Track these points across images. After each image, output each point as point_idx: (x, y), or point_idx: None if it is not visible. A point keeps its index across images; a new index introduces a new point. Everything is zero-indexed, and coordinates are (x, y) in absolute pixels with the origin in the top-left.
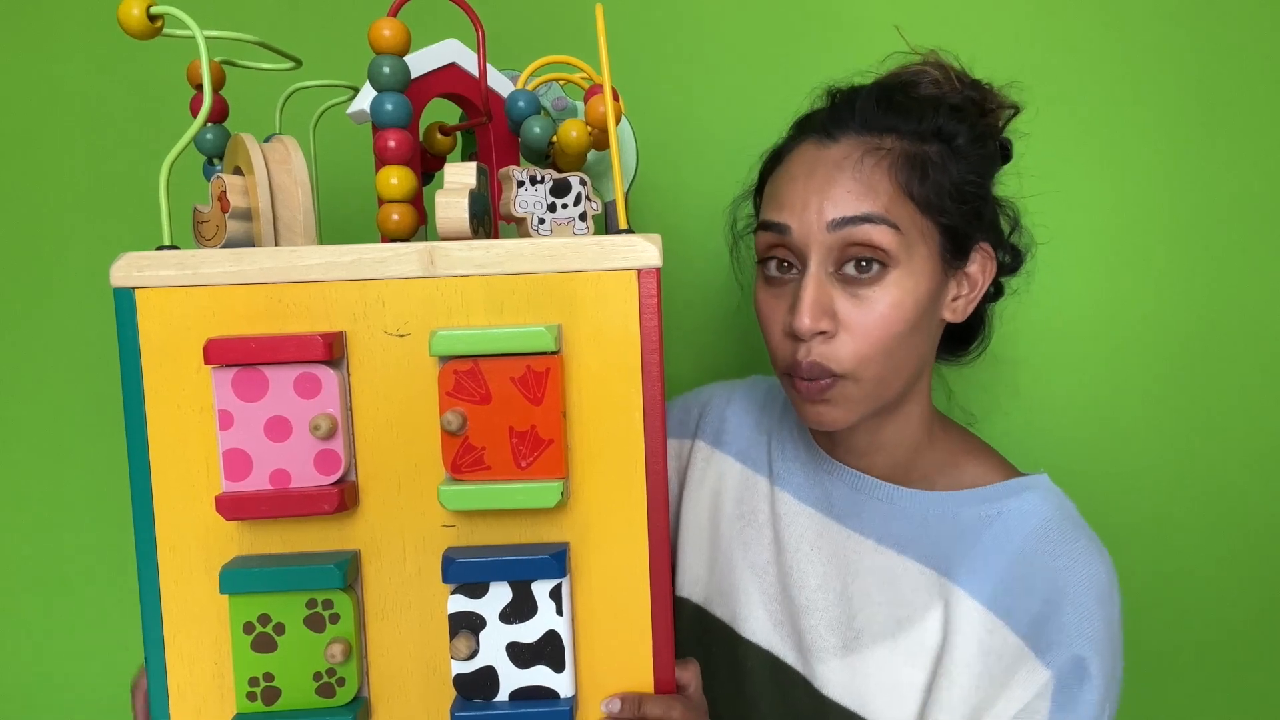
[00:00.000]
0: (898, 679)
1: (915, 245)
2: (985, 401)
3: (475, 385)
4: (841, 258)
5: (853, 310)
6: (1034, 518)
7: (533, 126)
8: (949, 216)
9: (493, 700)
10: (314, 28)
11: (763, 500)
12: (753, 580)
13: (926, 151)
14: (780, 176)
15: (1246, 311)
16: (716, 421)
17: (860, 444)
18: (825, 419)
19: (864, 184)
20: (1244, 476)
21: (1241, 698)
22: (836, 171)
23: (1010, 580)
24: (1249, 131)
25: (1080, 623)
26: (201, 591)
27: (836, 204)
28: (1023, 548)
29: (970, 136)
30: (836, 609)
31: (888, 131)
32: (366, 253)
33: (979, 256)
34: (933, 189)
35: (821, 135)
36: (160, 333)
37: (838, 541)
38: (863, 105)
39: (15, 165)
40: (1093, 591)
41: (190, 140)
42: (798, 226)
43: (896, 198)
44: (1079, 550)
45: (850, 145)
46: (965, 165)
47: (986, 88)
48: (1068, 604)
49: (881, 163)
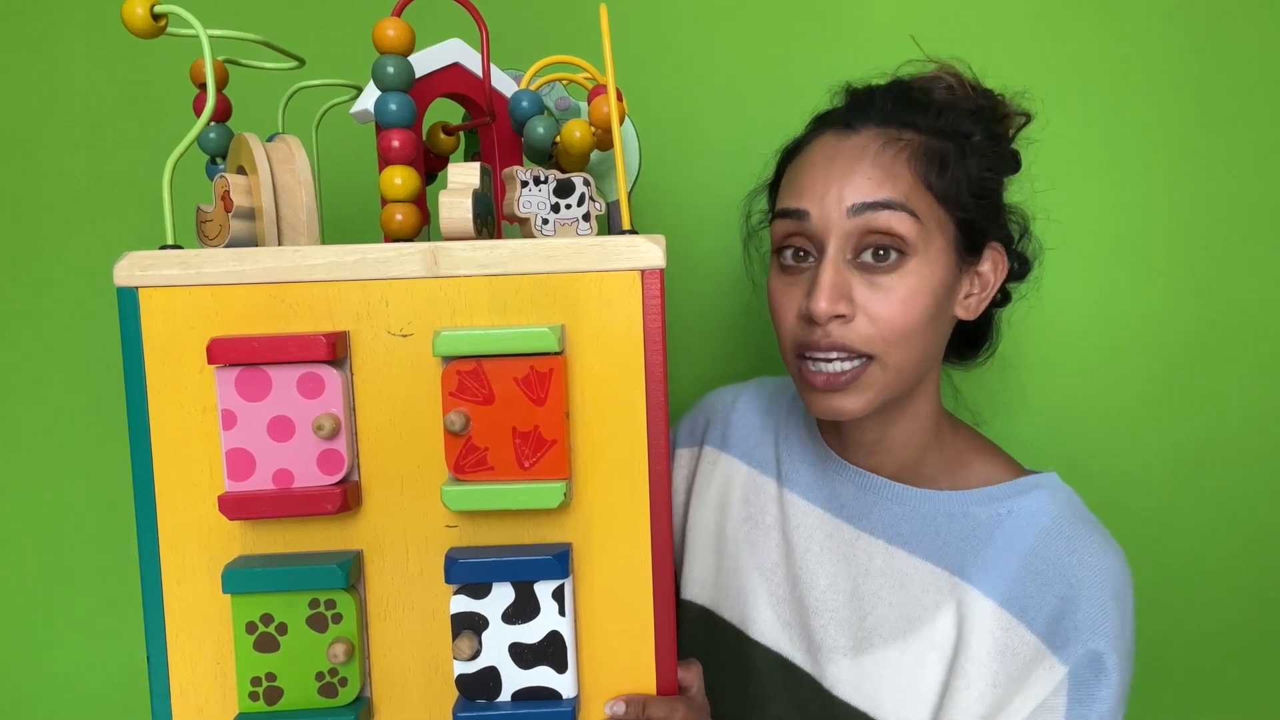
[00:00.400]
0: (909, 679)
1: (933, 236)
2: (992, 403)
3: (478, 385)
4: (860, 244)
5: (870, 297)
6: (1044, 515)
7: (536, 127)
8: (965, 210)
9: (495, 701)
10: (317, 27)
11: (770, 501)
12: (761, 582)
13: (944, 147)
14: (800, 165)
15: (1248, 312)
16: (722, 425)
17: (869, 442)
18: (840, 407)
19: (884, 171)
20: (1247, 476)
21: (1243, 695)
22: (857, 160)
23: (1024, 578)
24: (1249, 132)
25: (1097, 618)
26: (204, 591)
27: (857, 190)
28: (1035, 546)
29: (986, 135)
30: (846, 609)
31: (906, 126)
32: (370, 252)
33: (991, 255)
34: (950, 182)
35: (842, 127)
36: (163, 332)
37: (847, 542)
38: (882, 100)
39: (16, 165)
40: (1109, 586)
41: (194, 139)
42: (817, 212)
43: (916, 187)
44: (1093, 546)
45: (870, 136)
46: (981, 162)
47: (999, 96)
48: (1083, 599)
49: (901, 153)
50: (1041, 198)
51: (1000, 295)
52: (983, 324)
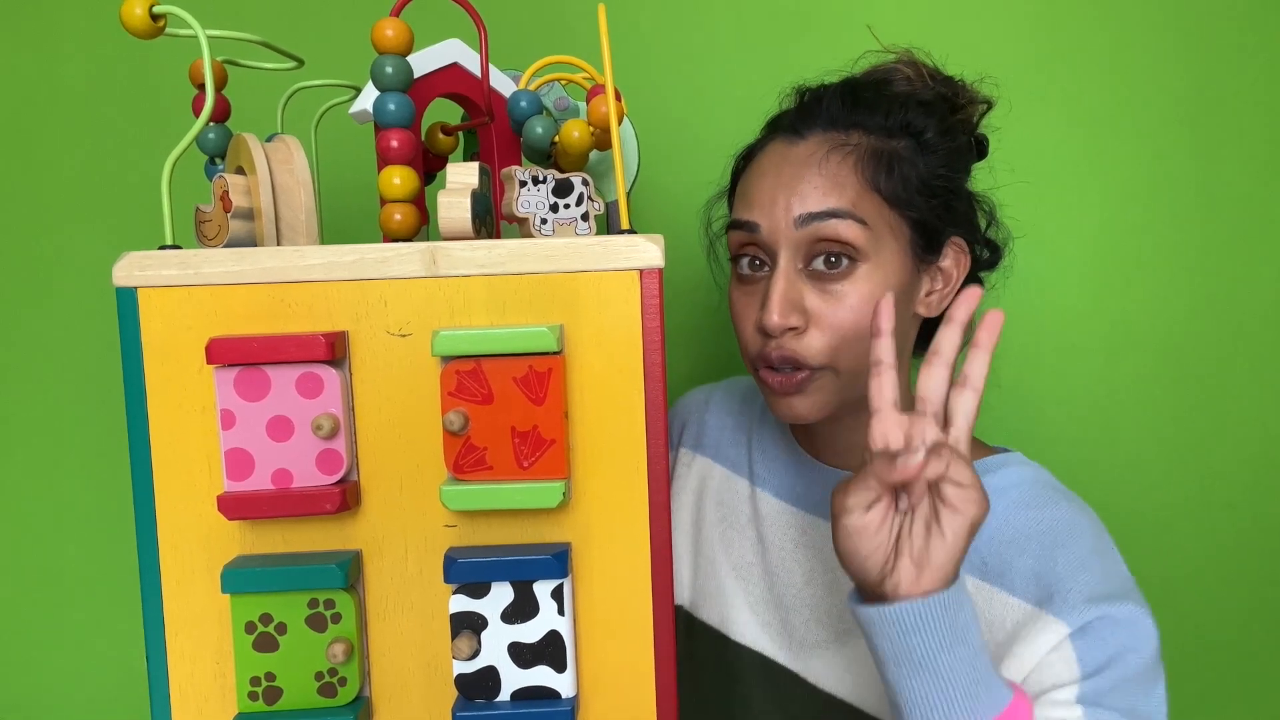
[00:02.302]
0: None
1: (884, 239)
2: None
3: (477, 385)
4: (810, 253)
5: (822, 305)
6: (1012, 489)
7: (535, 126)
8: (917, 210)
9: (494, 700)
10: (316, 27)
11: (743, 501)
12: (737, 582)
13: (894, 147)
14: (750, 175)
15: (1231, 304)
16: (696, 426)
17: (840, 442)
18: (796, 411)
19: (830, 180)
20: (1229, 464)
21: (1240, 695)
22: (803, 168)
23: (998, 547)
24: (1231, 126)
25: (1076, 570)
26: (203, 591)
27: (803, 200)
28: (1005, 516)
29: (939, 130)
30: (826, 602)
31: (854, 128)
32: (369, 252)
33: (952, 251)
34: (900, 183)
35: (790, 134)
36: (162, 332)
37: (822, 535)
38: (829, 102)
39: (15, 165)
40: (1084, 539)
41: (192, 140)
42: (766, 224)
43: (863, 193)
44: (1060, 507)
45: (817, 142)
46: (934, 159)
47: (958, 83)
48: (1060, 552)
49: (848, 159)
50: (1022, 192)
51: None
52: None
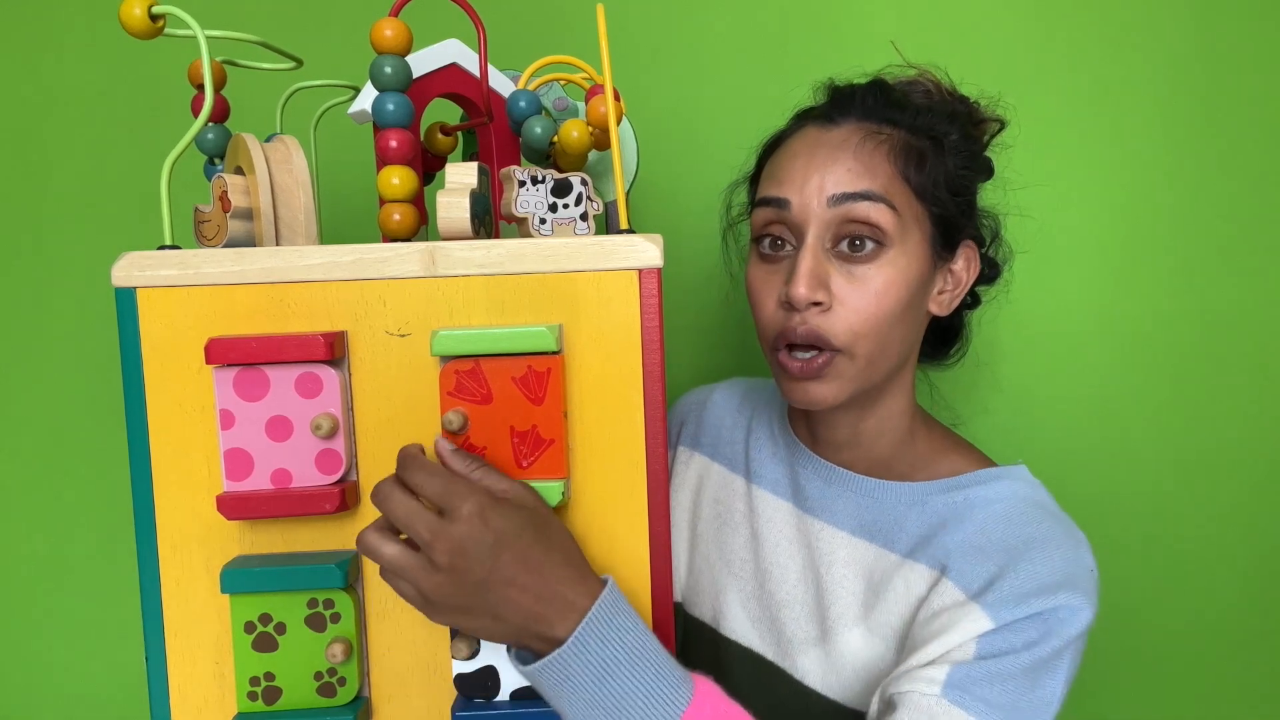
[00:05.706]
0: (872, 664)
1: (909, 229)
2: (970, 401)
3: (476, 385)
4: (839, 234)
5: (847, 287)
6: (999, 502)
7: (534, 126)
8: (942, 206)
9: (493, 700)
10: (315, 28)
11: (739, 498)
12: (730, 578)
13: (923, 144)
14: (781, 156)
15: (1228, 306)
16: (695, 424)
17: (841, 437)
18: (813, 396)
19: (864, 164)
20: (1231, 468)
21: (1240, 695)
22: (838, 151)
23: (967, 552)
24: (1232, 132)
25: (1030, 587)
26: (202, 591)
27: (838, 180)
28: (983, 524)
29: (962, 136)
30: (814, 600)
31: (886, 121)
32: (368, 252)
33: (965, 254)
34: (928, 177)
35: (824, 120)
36: (161, 332)
37: (813, 533)
38: (863, 96)
39: (15, 165)
40: (1054, 556)
41: (192, 140)
42: (798, 201)
43: (894, 180)
44: (1044, 531)
45: (851, 129)
46: (958, 160)
47: (974, 103)
48: (1023, 571)
49: (881, 146)
50: (1023, 195)
51: (970, 298)
52: (955, 323)
